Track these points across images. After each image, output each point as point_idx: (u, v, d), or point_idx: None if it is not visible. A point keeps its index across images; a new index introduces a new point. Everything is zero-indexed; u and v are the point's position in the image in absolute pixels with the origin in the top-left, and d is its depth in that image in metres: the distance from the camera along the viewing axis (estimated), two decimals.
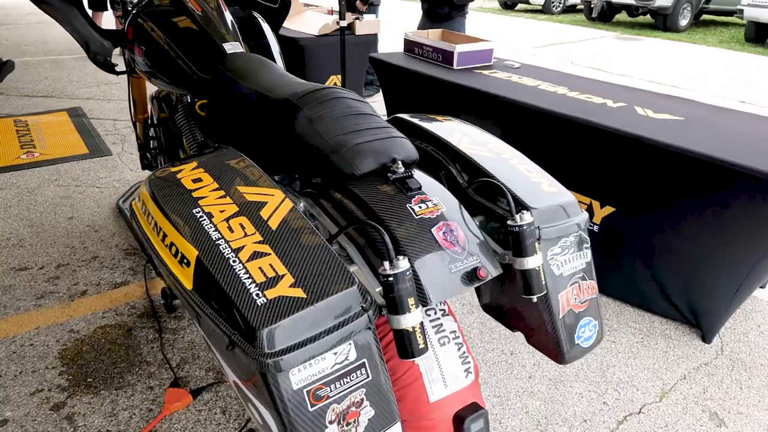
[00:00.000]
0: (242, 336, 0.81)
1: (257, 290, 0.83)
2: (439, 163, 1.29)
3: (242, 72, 1.52)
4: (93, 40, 2.26)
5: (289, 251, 0.90)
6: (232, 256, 0.89)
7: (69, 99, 4.81)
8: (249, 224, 0.95)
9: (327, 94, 1.24)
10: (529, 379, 1.97)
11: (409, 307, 0.88)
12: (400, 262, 0.89)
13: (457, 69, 3.01)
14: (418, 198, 1.07)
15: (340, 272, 0.88)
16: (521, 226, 1.05)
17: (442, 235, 1.03)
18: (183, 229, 0.95)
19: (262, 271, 0.87)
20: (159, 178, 1.10)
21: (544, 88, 2.66)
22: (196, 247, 0.92)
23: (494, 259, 1.08)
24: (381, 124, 1.21)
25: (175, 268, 0.95)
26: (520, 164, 1.27)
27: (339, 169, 1.11)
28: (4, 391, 1.82)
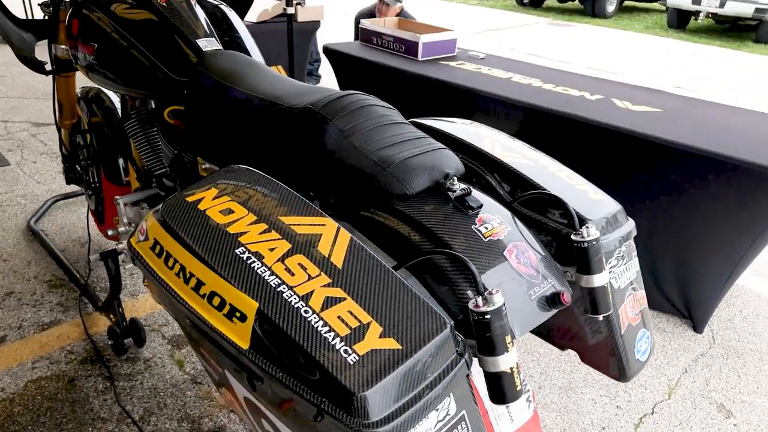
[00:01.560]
0: (335, 403, 0.65)
1: (344, 345, 0.68)
2: (471, 171, 1.14)
3: (230, 73, 1.27)
4: (11, 33, 1.87)
5: (365, 293, 0.74)
6: (301, 305, 0.72)
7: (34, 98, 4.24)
8: (310, 263, 0.77)
9: (354, 102, 1.06)
10: (540, 389, 1.84)
11: (507, 346, 0.75)
12: (495, 296, 0.75)
13: (421, 60, 2.82)
14: (481, 218, 0.93)
15: (428, 313, 0.73)
16: (589, 241, 0.94)
17: (516, 259, 0.90)
18: (230, 275, 0.76)
19: (342, 321, 0.71)
20: (174, 209, 0.88)
21: (518, 80, 2.52)
22: (254, 297, 0.73)
23: (564, 279, 0.96)
24: (419, 134, 1.05)
25: (220, 323, 0.75)
26: (560, 172, 1.14)
27: (386, 189, 0.94)
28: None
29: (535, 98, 2.25)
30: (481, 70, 2.68)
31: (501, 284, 0.85)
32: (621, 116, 2.09)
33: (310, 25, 4.38)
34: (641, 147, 1.96)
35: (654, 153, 1.95)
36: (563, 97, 2.29)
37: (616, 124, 2.00)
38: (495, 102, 2.33)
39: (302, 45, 4.26)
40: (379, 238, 0.93)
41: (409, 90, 2.72)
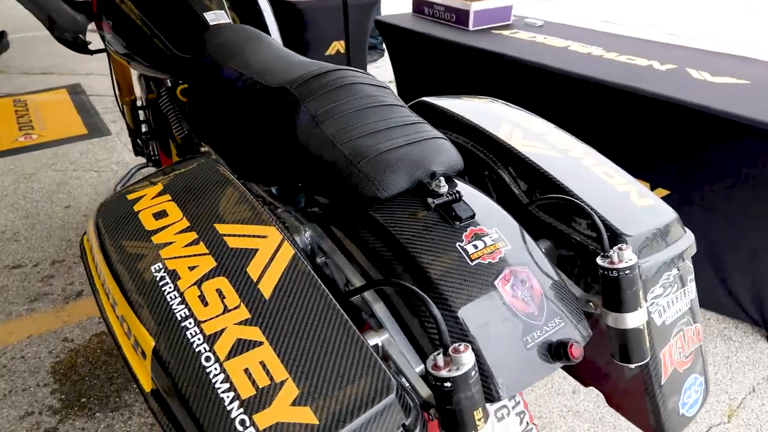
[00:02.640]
0: None
1: (242, 413, 0.53)
2: (482, 164, 0.94)
3: (227, 49, 1.17)
4: (63, 14, 1.88)
5: (290, 337, 0.59)
6: (204, 348, 0.58)
7: (69, 75, 4.47)
8: (231, 290, 0.63)
9: (334, 80, 0.89)
10: (573, 395, 1.68)
11: (475, 423, 0.57)
12: (461, 356, 0.56)
13: (473, 30, 2.63)
14: (471, 232, 0.73)
15: (370, 371, 0.57)
16: (621, 270, 0.71)
17: (511, 290, 0.70)
18: (135, 300, 0.63)
19: (249, 376, 0.56)
20: (111, 207, 0.77)
21: (576, 49, 2.29)
22: (152, 333, 0.60)
23: (582, 317, 0.74)
24: (411, 120, 0.86)
25: (129, 354, 0.63)
26: (596, 166, 0.91)
27: (357, 190, 0.77)
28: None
29: (592, 69, 2.02)
30: (535, 38, 2.46)
31: (485, 326, 0.66)
32: (695, 89, 1.82)
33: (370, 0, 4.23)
34: (721, 127, 1.69)
35: (736, 134, 1.68)
36: (627, 67, 2.05)
37: (689, 99, 1.74)
38: (547, 75, 2.12)
39: (361, 20, 4.11)
40: (348, 247, 0.78)
41: (459, 64, 2.55)
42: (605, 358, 0.89)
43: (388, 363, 0.67)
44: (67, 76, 4.43)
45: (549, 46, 2.34)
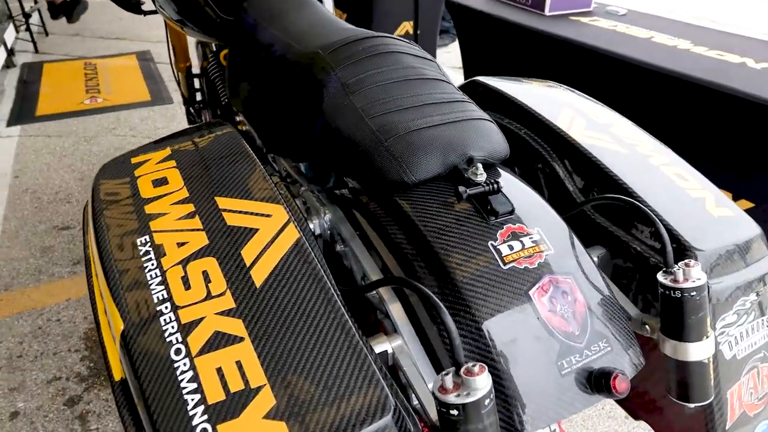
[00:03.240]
0: None
1: (205, 422, 0.45)
2: (535, 155, 0.82)
3: (271, 12, 1.07)
4: None
5: (277, 336, 0.50)
6: (176, 339, 0.50)
7: (141, 42, 4.53)
8: (218, 274, 0.55)
9: (372, 47, 0.78)
10: (626, 420, 1.51)
11: None
12: (475, 378, 0.45)
13: (549, 15, 2.41)
14: (508, 230, 0.62)
15: (365, 384, 0.48)
16: (686, 291, 0.58)
17: (549, 303, 0.58)
18: (113, 275, 0.56)
19: (222, 377, 0.47)
20: (112, 170, 0.71)
21: (660, 41, 2.05)
22: (123, 314, 0.52)
23: (635, 343, 0.62)
24: (452, 96, 0.74)
25: (106, 335, 0.56)
26: (667, 166, 0.77)
27: (382, 172, 0.67)
28: (22, 376, 1.56)
29: (676, 63, 1.79)
30: (616, 27, 2.22)
31: (513, 343, 0.56)
32: None
33: None
34: None
35: None
36: (717, 63, 1.80)
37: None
38: (625, 66, 1.90)
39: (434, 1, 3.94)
40: (370, 235, 0.68)
41: (532, 51, 2.35)
42: (660, 390, 0.76)
43: (398, 374, 0.58)
44: (139, 43, 4.49)
45: (630, 36, 2.11)
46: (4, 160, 2.71)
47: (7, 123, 3.09)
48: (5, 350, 1.65)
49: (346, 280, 0.75)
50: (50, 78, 3.71)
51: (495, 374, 0.55)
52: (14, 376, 1.56)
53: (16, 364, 1.60)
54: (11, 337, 1.69)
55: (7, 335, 1.70)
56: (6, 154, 2.77)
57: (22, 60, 4.01)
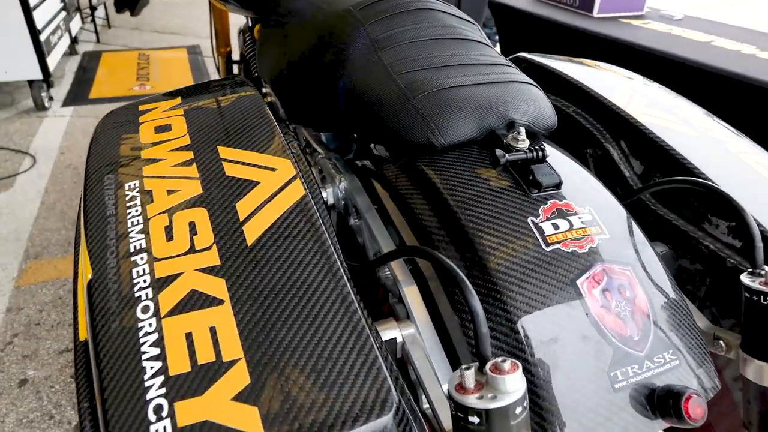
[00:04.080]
0: None
1: (160, 397, 0.36)
2: (589, 136, 0.69)
3: None
4: None
5: (263, 303, 0.40)
6: (146, 294, 0.41)
7: (193, 37, 4.58)
8: (207, 226, 0.46)
9: (407, 3, 0.69)
10: None
11: None
12: (505, 378, 0.34)
13: (597, 17, 2.26)
14: (554, 206, 0.50)
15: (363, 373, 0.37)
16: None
17: (601, 297, 0.46)
18: (93, 219, 0.48)
19: (190, 344, 0.39)
20: (116, 115, 0.64)
21: (722, 44, 1.87)
22: (93, 263, 0.44)
23: (708, 360, 0.49)
24: (491, 59, 0.64)
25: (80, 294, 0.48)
26: (747, 155, 0.63)
27: (408, 132, 0.57)
28: (36, 344, 1.52)
29: (741, 66, 1.62)
30: (671, 31, 2.05)
31: (553, 343, 0.44)
32: None
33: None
34: None
35: None
36: None
37: None
38: (683, 69, 1.73)
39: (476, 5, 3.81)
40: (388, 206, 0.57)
41: (580, 53, 2.20)
42: (734, 423, 0.61)
43: (407, 369, 0.47)
44: (191, 38, 4.54)
45: (688, 39, 1.93)
46: (53, 137, 2.74)
47: (62, 104, 3.14)
48: (25, 317, 1.61)
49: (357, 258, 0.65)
50: (106, 66, 3.78)
51: (529, 380, 0.43)
52: (29, 344, 1.52)
53: (33, 332, 1.56)
54: (33, 305, 1.66)
55: (29, 302, 1.67)
56: (56, 132, 2.80)
57: (84, 49, 4.11)
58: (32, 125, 2.88)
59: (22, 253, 1.89)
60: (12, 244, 1.93)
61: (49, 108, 3.06)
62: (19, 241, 1.95)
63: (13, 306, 1.65)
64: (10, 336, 1.54)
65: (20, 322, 1.59)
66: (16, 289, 1.72)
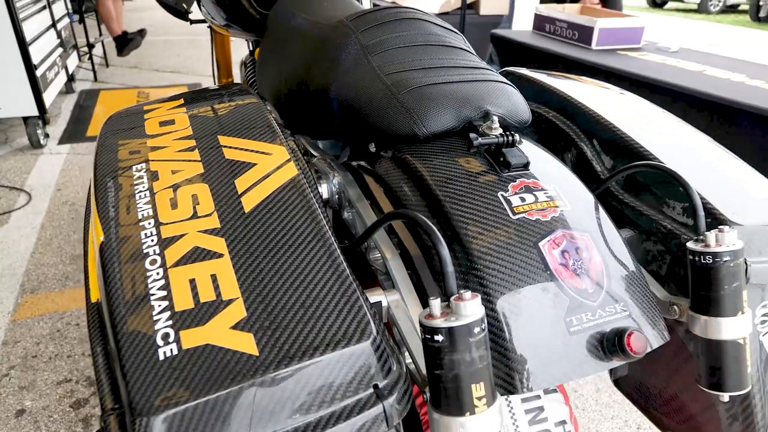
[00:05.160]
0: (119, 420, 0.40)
1: (168, 327, 0.43)
2: (565, 137, 0.78)
3: (304, 2, 1.10)
4: None
5: (258, 255, 0.48)
6: (153, 251, 0.48)
7: (193, 75, 4.74)
8: (208, 197, 0.54)
9: (395, 14, 0.78)
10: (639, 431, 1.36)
11: (473, 402, 0.41)
12: (464, 303, 0.41)
13: (596, 49, 2.38)
14: (522, 183, 0.58)
15: (345, 308, 0.44)
16: (717, 256, 0.52)
17: (560, 256, 0.54)
18: (103, 196, 0.56)
19: (193, 287, 0.46)
20: (123, 113, 0.73)
21: (713, 73, 1.97)
22: (105, 229, 0.52)
23: (657, 314, 0.56)
24: (472, 63, 0.73)
25: (90, 264, 0.56)
26: (705, 149, 0.72)
27: (393, 124, 0.65)
28: (33, 375, 1.55)
29: (732, 93, 1.71)
30: (666, 61, 2.16)
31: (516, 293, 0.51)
32: None
33: (492, 18, 4.08)
34: None
35: None
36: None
37: None
38: (677, 96, 1.83)
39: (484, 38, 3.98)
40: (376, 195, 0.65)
41: None
42: (693, 392, 0.67)
43: (392, 330, 0.54)
44: (191, 76, 4.70)
45: (683, 69, 2.04)
46: (49, 174, 2.82)
47: (58, 141, 3.24)
48: (22, 349, 1.64)
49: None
50: (104, 103, 3.90)
51: (493, 324, 0.50)
52: (26, 375, 1.55)
53: (30, 364, 1.59)
54: (30, 338, 1.69)
55: (26, 335, 1.70)
56: (52, 169, 2.88)
57: (81, 87, 4.25)
58: (27, 163, 2.96)
59: (18, 288, 1.93)
60: (7, 279, 1.98)
61: (45, 145, 3.15)
62: (14, 276, 2.00)
63: (9, 339, 1.69)
64: (7, 368, 1.57)
65: (17, 354, 1.62)
66: (12, 323, 1.76)
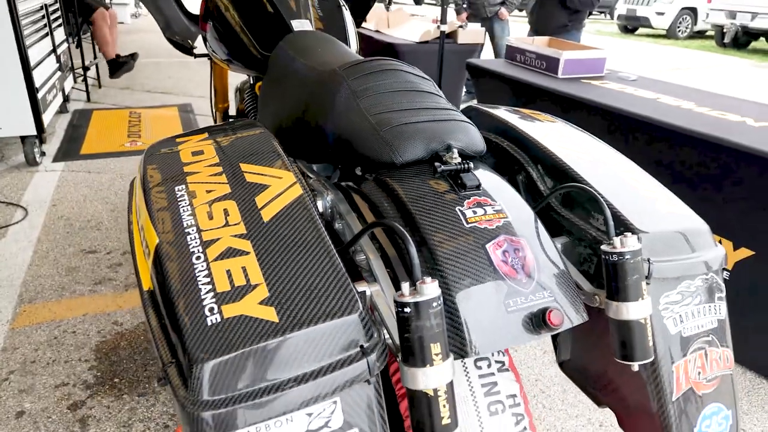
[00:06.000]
0: (178, 367, 0.56)
1: (213, 302, 0.58)
2: (517, 163, 0.94)
3: (303, 48, 1.26)
4: (177, 22, 2.10)
5: (275, 253, 0.63)
6: (198, 249, 0.63)
7: (184, 96, 4.89)
8: (235, 210, 0.69)
9: (380, 65, 0.94)
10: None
11: (431, 357, 0.56)
12: (426, 286, 0.56)
13: (561, 77, 2.56)
14: (475, 200, 0.74)
15: (340, 292, 0.60)
16: (622, 254, 0.68)
17: (501, 255, 0.69)
18: (154, 210, 0.71)
19: (229, 275, 0.61)
20: (158, 147, 0.87)
21: (666, 101, 2.15)
22: (159, 233, 0.67)
23: (578, 300, 0.71)
24: (443, 105, 0.89)
25: (140, 260, 0.70)
26: (626, 172, 0.88)
27: (374, 154, 0.81)
28: (32, 379, 1.65)
29: (680, 119, 1.88)
30: (624, 90, 2.34)
31: (467, 281, 0.66)
32: None
33: (469, 47, 4.30)
34: None
35: None
36: (718, 121, 1.89)
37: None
38: (631, 122, 2.00)
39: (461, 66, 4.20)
40: (363, 211, 0.80)
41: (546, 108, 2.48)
42: (615, 372, 0.82)
43: (374, 313, 0.69)
44: (182, 97, 4.84)
45: (638, 97, 2.22)
46: (45, 191, 2.93)
47: (53, 159, 3.35)
48: (21, 356, 1.75)
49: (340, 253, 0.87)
50: (97, 123, 4.03)
51: (450, 305, 0.65)
52: (25, 379, 1.65)
53: (29, 369, 1.69)
54: (28, 345, 1.80)
55: (25, 342, 1.81)
56: (48, 185, 2.99)
57: (74, 107, 4.37)
58: (23, 179, 3.07)
59: (16, 298, 2.04)
60: (6, 290, 2.08)
61: (41, 163, 3.26)
62: (12, 287, 2.10)
63: (9, 346, 1.79)
64: (6, 373, 1.67)
65: (16, 360, 1.73)
66: (11, 331, 1.86)
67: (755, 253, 1.69)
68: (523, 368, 1.80)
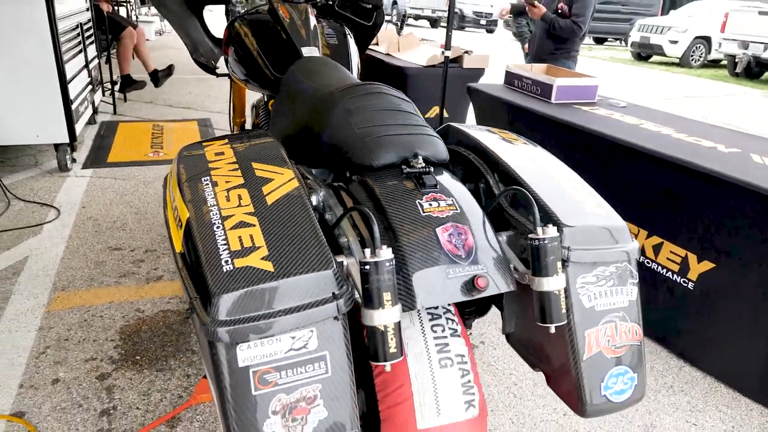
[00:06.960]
0: (201, 300, 0.77)
1: (228, 256, 0.79)
2: (478, 171, 1.16)
3: (308, 71, 1.51)
4: (203, 45, 2.37)
5: (274, 226, 0.85)
6: (218, 221, 0.86)
7: (203, 111, 5.19)
8: (247, 196, 0.92)
9: (370, 89, 1.19)
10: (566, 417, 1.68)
11: (384, 302, 0.77)
12: (381, 251, 0.78)
13: (554, 103, 2.79)
14: (432, 196, 0.96)
15: (319, 254, 0.81)
16: (542, 240, 0.89)
17: (447, 237, 0.90)
18: (186, 194, 0.94)
19: (240, 240, 0.82)
20: (188, 149, 1.11)
21: (648, 127, 2.37)
22: (189, 209, 0.90)
23: (507, 275, 0.92)
24: (417, 122, 1.12)
25: (173, 231, 0.93)
26: (566, 181, 1.09)
27: (357, 159, 1.04)
28: (65, 354, 1.88)
29: (656, 144, 2.09)
30: (611, 115, 2.56)
31: (418, 253, 0.87)
32: (752, 171, 1.84)
33: (474, 71, 4.55)
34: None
35: None
36: (691, 146, 2.10)
37: (738, 176, 1.78)
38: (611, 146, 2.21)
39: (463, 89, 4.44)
40: (347, 203, 1.03)
41: (539, 131, 2.70)
42: (544, 338, 1.02)
43: (348, 279, 0.89)
44: (202, 112, 5.14)
45: (622, 122, 2.44)
46: (75, 194, 3.20)
47: (82, 166, 3.64)
48: (55, 334, 1.98)
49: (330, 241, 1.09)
50: (123, 134, 4.32)
51: (404, 270, 0.86)
52: (59, 353, 1.88)
53: (63, 345, 1.93)
54: (62, 325, 2.03)
55: (59, 323, 2.05)
56: (77, 189, 3.27)
57: (101, 119, 4.68)
58: (55, 183, 3.35)
59: (51, 286, 2.28)
60: (42, 279, 2.33)
61: (71, 169, 3.55)
62: (47, 276, 2.35)
63: (45, 326, 2.03)
64: (43, 347, 1.91)
65: (51, 337, 1.96)
66: (47, 313, 2.10)
67: (716, 265, 1.89)
68: (499, 364, 2.00)
